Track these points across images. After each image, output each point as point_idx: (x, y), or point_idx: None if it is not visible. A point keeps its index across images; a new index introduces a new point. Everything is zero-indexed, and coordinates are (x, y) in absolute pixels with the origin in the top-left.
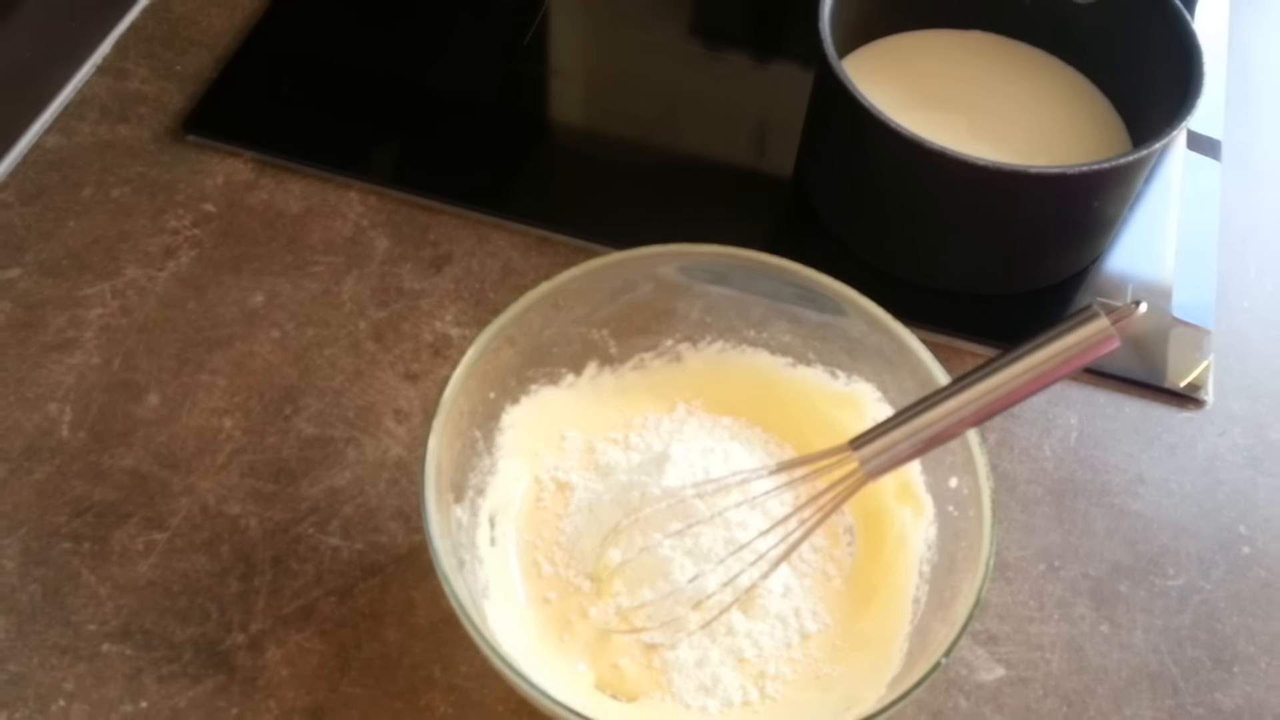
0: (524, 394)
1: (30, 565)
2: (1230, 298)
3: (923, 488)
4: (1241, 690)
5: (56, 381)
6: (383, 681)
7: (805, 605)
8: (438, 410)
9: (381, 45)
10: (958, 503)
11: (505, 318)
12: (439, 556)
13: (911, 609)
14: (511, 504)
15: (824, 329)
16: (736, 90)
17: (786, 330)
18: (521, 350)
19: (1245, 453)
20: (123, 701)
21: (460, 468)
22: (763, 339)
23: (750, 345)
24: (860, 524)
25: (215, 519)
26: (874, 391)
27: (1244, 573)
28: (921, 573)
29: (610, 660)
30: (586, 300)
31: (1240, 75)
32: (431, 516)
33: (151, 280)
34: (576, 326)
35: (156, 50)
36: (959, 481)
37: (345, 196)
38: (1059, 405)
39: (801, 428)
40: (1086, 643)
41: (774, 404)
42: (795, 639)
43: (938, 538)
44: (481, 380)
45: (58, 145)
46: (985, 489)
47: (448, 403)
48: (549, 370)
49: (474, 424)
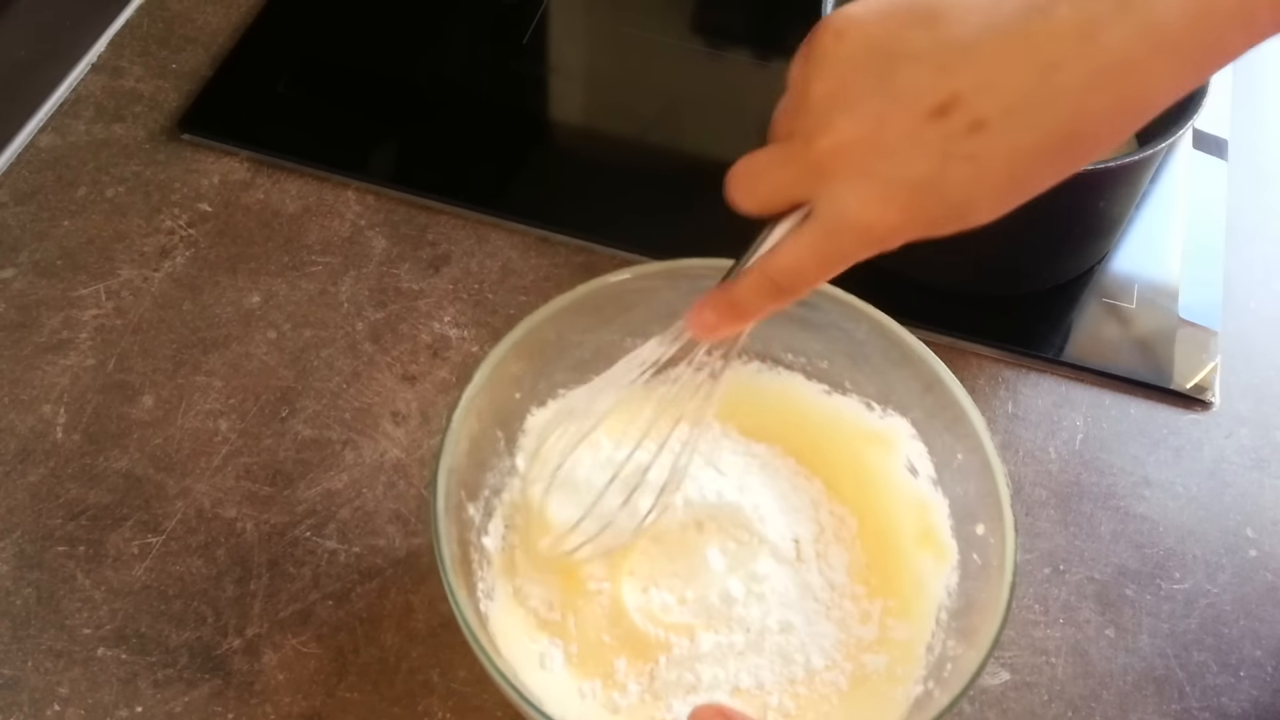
0: (551, 398)
1: (24, 569)
2: (1237, 298)
3: (949, 533)
4: (1248, 694)
5: (51, 383)
6: (380, 686)
7: (811, 642)
8: (461, 398)
9: (379, 44)
10: (982, 551)
11: (540, 315)
12: (444, 560)
13: (925, 656)
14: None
15: (859, 357)
16: (737, 89)
17: (823, 355)
18: (550, 354)
19: (1252, 455)
20: (118, 706)
21: (478, 466)
22: (799, 363)
23: (786, 368)
24: (873, 566)
25: (211, 522)
26: (908, 428)
27: (1250, 576)
28: (939, 620)
29: (607, 670)
30: (626, 307)
31: (1247, 74)
32: (440, 516)
33: (147, 281)
34: (612, 334)
35: (152, 48)
36: (985, 529)
37: (342, 196)
38: (1064, 407)
39: (830, 463)
40: (1092, 647)
41: (804, 433)
42: (800, 674)
43: (959, 586)
44: (506, 380)
45: (52, 144)
46: (1009, 541)
47: (471, 393)
48: (579, 377)
49: (496, 423)
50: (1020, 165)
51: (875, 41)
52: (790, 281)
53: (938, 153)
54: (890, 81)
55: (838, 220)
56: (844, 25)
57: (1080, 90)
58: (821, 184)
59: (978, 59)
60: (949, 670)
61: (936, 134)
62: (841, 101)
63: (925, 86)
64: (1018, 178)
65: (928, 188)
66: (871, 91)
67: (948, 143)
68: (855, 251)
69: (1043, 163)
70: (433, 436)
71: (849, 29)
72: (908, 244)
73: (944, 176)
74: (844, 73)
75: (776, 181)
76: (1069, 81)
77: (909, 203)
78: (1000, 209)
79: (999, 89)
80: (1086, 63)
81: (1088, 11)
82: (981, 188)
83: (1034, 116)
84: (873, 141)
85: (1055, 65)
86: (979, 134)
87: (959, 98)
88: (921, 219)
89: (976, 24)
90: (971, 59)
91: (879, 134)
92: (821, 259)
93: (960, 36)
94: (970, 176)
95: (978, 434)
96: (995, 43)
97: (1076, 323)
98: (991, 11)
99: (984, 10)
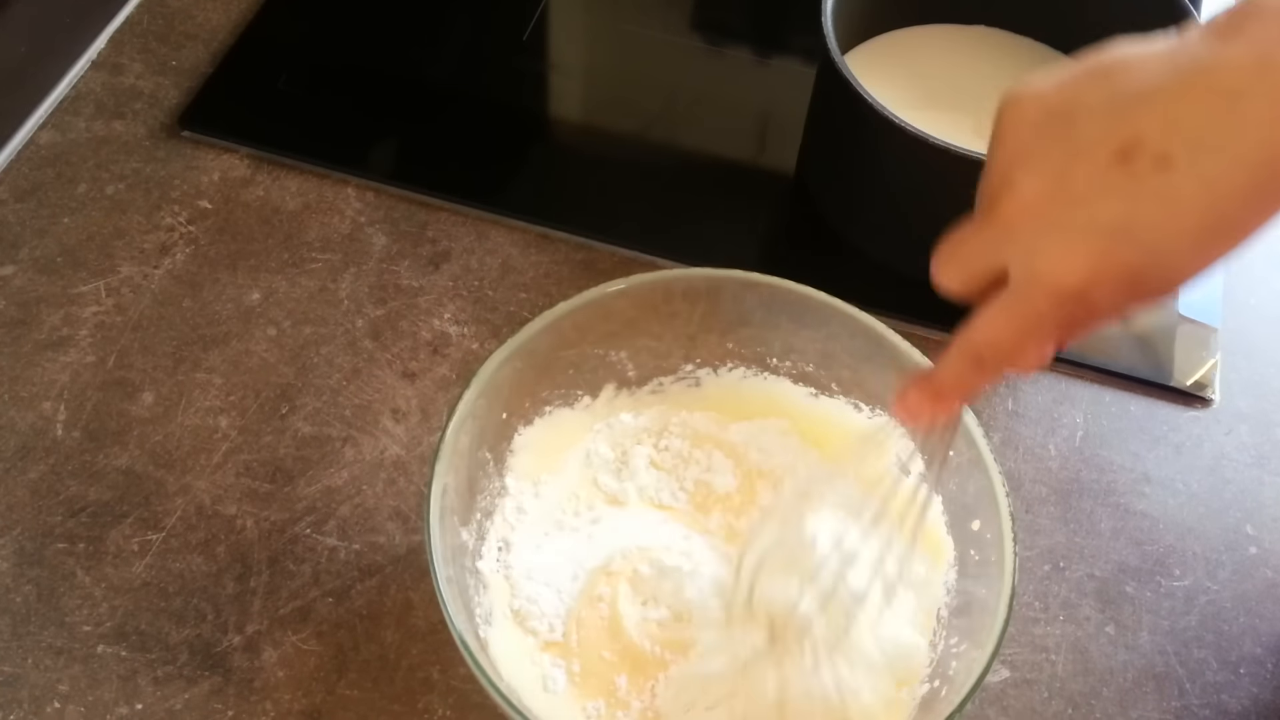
0: (538, 415)
1: (24, 566)
2: (1237, 295)
3: (944, 530)
4: (1248, 691)
5: (51, 380)
6: (380, 684)
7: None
8: (445, 432)
9: (379, 40)
10: (979, 547)
11: (520, 338)
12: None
13: (928, 654)
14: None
15: (844, 358)
16: (738, 86)
17: (809, 359)
18: (536, 370)
19: (1252, 452)
20: (118, 703)
21: (468, 490)
22: (784, 367)
23: (772, 373)
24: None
25: (211, 519)
26: (898, 426)
27: (1250, 573)
28: (939, 617)
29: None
30: (609, 320)
31: None
32: (436, 547)
33: (147, 278)
34: (595, 348)
35: (152, 45)
36: (981, 524)
37: (342, 193)
38: (1064, 404)
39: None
40: (1092, 644)
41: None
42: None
43: (958, 583)
44: (494, 400)
45: (52, 141)
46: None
47: (456, 425)
48: (564, 392)
49: (484, 444)
50: (1217, 202)
51: (1052, 104)
52: (991, 353)
53: (1126, 194)
54: (1069, 136)
55: (1029, 277)
56: (1022, 94)
57: (1270, 119)
58: (1011, 245)
59: (1158, 100)
60: (954, 668)
61: (1123, 176)
62: (1023, 162)
63: (1105, 133)
64: (1216, 216)
65: (1119, 232)
66: (1051, 148)
67: (1135, 183)
68: (1052, 310)
69: (1240, 198)
70: (433, 433)
71: (1026, 97)
72: (908, 240)
73: (1135, 219)
74: (1024, 136)
75: (970, 252)
76: (1255, 110)
77: (1101, 250)
78: (1204, 255)
79: (1183, 124)
80: (1272, 90)
81: (1263, 44)
82: (1178, 229)
83: (1223, 148)
84: (1057, 194)
85: (1239, 94)
86: (1167, 171)
87: (1142, 138)
88: (1118, 268)
89: (1154, 70)
90: (1151, 101)
91: (1063, 185)
92: (1018, 322)
93: (1139, 84)
94: (1164, 217)
95: (969, 429)
96: (1174, 83)
97: None
98: (1168, 59)
99: (1160, 58)
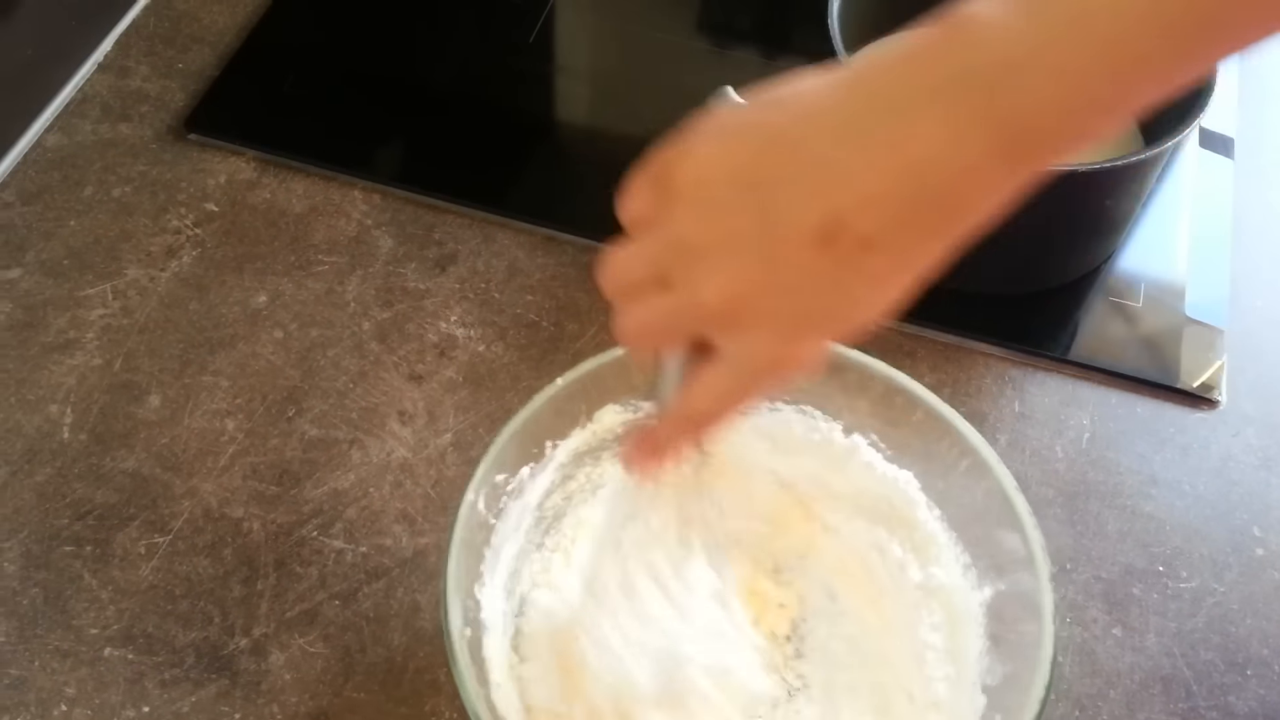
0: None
1: (31, 569)
2: (1244, 297)
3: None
4: (1255, 693)
5: (57, 383)
6: (387, 686)
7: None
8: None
9: (385, 43)
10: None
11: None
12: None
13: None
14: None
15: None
16: (744, 87)
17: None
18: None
19: (1259, 453)
20: (125, 706)
21: (476, 553)
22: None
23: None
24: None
25: (218, 522)
26: (914, 481)
27: (1257, 575)
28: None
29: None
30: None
31: (1253, 71)
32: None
33: (153, 280)
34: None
35: (158, 48)
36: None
37: (349, 195)
38: (1071, 406)
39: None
40: (1099, 646)
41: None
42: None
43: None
44: (500, 465)
45: (59, 144)
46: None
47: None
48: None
49: (487, 508)
50: (917, 273)
51: (735, 174)
52: (710, 420)
53: (834, 281)
54: (767, 216)
55: (752, 365)
56: (693, 161)
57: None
58: (724, 332)
59: (845, 173)
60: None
61: (829, 263)
62: (721, 245)
63: (804, 211)
64: (915, 283)
65: (835, 314)
66: (751, 230)
67: (842, 269)
68: (774, 387)
69: (936, 261)
70: (439, 436)
71: (701, 165)
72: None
73: (850, 300)
74: (713, 213)
75: (670, 328)
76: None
77: (820, 333)
78: (903, 304)
79: (878, 203)
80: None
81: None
82: (883, 301)
83: (918, 221)
84: (768, 285)
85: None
86: (869, 252)
87: (841, 220)
88: (833, 339)
89: (830, 132)
90: (838, 173)
91: (773, 276)
92: (740, 398)
93: (822, 152)
94: (871, 296)
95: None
96: (858, 152)
97: (1083, 322)
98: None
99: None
